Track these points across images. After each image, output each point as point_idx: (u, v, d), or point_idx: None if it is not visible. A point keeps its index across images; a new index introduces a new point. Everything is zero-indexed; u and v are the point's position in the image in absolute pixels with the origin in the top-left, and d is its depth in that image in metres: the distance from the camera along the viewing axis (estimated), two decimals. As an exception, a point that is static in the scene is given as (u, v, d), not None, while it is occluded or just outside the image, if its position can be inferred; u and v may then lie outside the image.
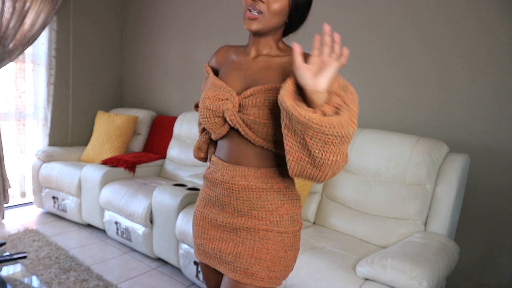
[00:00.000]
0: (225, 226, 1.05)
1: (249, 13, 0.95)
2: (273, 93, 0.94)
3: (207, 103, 1.00)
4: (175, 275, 2.39)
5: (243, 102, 0.97)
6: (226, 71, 1.07)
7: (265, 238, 1.00)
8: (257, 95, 0.96)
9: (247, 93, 0.97)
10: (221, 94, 1.00)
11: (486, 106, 1.97)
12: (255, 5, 0.95)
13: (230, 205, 1.03)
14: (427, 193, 1.87)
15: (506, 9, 1.89)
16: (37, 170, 3.27)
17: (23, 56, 3.30)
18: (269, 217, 1.01)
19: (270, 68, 1.01)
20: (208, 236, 1.08)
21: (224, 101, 0.98)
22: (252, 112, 0.95)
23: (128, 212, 2.58)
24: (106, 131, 3.42)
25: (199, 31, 3.36)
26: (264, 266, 1.00)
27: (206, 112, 1.01)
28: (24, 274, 1.62)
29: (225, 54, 1.12)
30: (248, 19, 0.96)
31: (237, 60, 1.07)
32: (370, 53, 2.37)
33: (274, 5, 0.95)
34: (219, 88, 1.01)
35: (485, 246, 2.02)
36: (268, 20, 0.96)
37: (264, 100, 0.95)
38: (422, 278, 1.37)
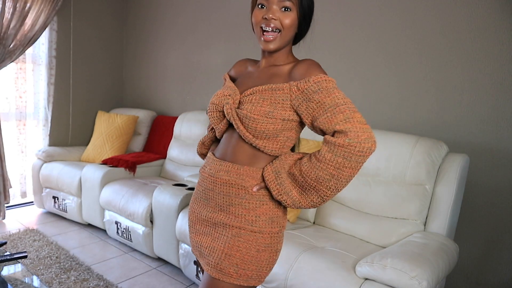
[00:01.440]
0: (207, 221, 1.10)
1: (266, 36, 1.01)
2: (268, 92, 1.00)
3: (214, 98, 1.10)
4: (175, 275, 2.39)
5: (242, 99, 1.04)
6: (240, 79, 1.16)
7: (238, 235, 1.03)
8: (255, 94, 1.02)
9: (248, 92, 1.04)
10: (226, 91, 1.08)
11: (485, 106, 1.97)
12: (269, 23, 1.00)
13: (212, 199, 1.09)
14: (427, 193, 1.88)
15: (504, 9, 1.89)
16: (38, 170, 3.28)
17: (24, 56, 3.30)
18: (245, 215, 1.03)
19: (274, 75, 1.07)
20: (194, 230, 1.15)
21: (227, 97, 1.06)
22: (246, 107, 1.01)
23: (129, 212, 2.59)
24: (106, 131, 3.42)
25: (199, 31, 3.37)
26: (233, 262, 1.02)
27: (211, 106, 1.10)
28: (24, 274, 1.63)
29: (242, 65, 1.20)
30: (266, 42, 1.02)
31: (251, 71, 1.16)
32: (369, 53, 2.37)
33: (286, 20, 1.00)
34: (227, 87, 1.10)
35: (485, 245, 2.03)
36: (284, 37, 1.03)
37: (259, 98, 1.00)
38: (422, 278, 1.37)
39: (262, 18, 1.01)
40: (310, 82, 0.96)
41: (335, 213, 2.08)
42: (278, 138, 1.02)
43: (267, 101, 0.99)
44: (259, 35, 1.03)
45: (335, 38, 2.50)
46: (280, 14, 1.00)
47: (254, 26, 1.05)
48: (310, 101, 0.96)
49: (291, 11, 1.00)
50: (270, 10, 1.00)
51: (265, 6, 1.01)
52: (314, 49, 2.60)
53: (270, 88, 1.00)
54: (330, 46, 2.52)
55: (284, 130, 1.01)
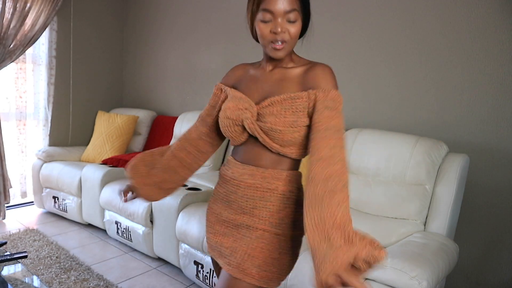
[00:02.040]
0: (228, 222, 1.10)
1: (275, 44, 1.00)
2: (288, 102, 1.00)
3: (228, 113, 1.06)
4: (175, 275, 2.39)
5: (261, 111, 1.03)
6: (244, 84, 1.13)
7: (261, 237, 1.04)
8: (274, 105, 1.01)
9: (265, 103, 1.03)
10: (241, 104, 1.05)
11: (485, 106, 1.97)
12: (278, 37, 0.99)
13: (235, 202, 1.08)
14: (427, 193, 1.88)
15: (504, 9, 1.89)
16: (38, 170, 3.28)
17: (24, 56, 3.31)
18: (269, 218, 1.04)
19: (285, 79, 1.06)
20: (214, 231, 1.14)
21: (243, 111, 1.04)
22: (269, 120, 1.00)
23: (129, 212, 2.59)
24: (106, 131, 3.42)
25: (199, 31, 3.37)
26: (256, 264, 1.03)
27: (226, 121, 1.07)
28: (24, 274, 1.63)
29: (240, 70, 1.18)
30: (275, 50, 1.01)
31: (254, 74, 1.13)
32: (369, 53, 2.37)
33: (293, 29, 0.99)
34: (239, 99, 1.07)
35: (485, 245, 2.03)
36: (292, 45, 1.03)
37: (281, 109, 1.00)
38: (422, 278, 1.37)
39: (270, 33, 0.99)
40: (328, 97, 0.98)
41: (335, 213, 2.08)
42: (303, 142, 1.03)
43: (289, 111, 1.00)
44: (266, 45, 1.02)
45: (335, 38, 2.50)
46: (287, 25, 0.99)
47: (261, 39, 1.02)
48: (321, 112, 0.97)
49: (296, 22, 1.00)
50: (277, 24, 0.98)
51: (270, 20, 0.99)
52: (314, 49, 2.60)
53: (289, 97, 1.00)
54: (330, 46, 2.52)
55: (307, 134, 1.02)
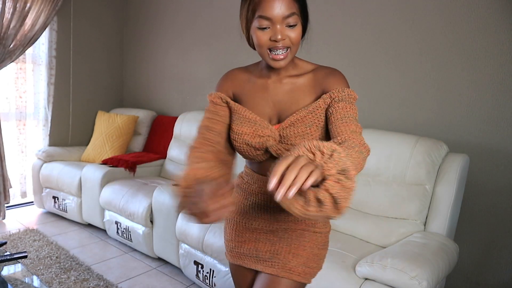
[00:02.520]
0: (261, 228, 1.09)
1: (275, 55, 0.92)
2: (309, 118, 0.96)
3: (246, 139, 1.00)
4: (175, 275, 2.39)
5: (283, 133, 0.98)
6: (249, 98, 1.04)
7: (302, 236, 1.06)
8: (297, 125, 0.97)
9: (285, 124, 0.98)
10: (260, 130, 0.99)
11: (485, 106, 1.97)
12: (278, 45, 0.91)
13: (266, 213, 1.08)
14: (427, 193, 1.88)
15: (504, 9, 1.89)
16: (38, 170, 3.28)
17: (24, 56, 3.31)
18: (305, 220, 1.06)
19: (295, 90, 1.00)
20: (243, 239, 1.12)
21: (266, 138, 0.98)
22: (297, 142, 0.96)
23: (129, 212, 2.59)
24: (106, 131, 3.42)
25: (199, 31, 3.37)
26: (301, 262, 1.05)
27: (246, 147, 1.01)
28: (24, 274, 1.63)
29: (238, 79, 1.07)
30: (275, 60, 0.93)
31: (258, 85, 1.04)
32: (369, 53, 2.37)
33: (294, 34, 0.92)
34: (254, 123, 1.00)
35: (485, 246, 2.03)
36: (294, 51, 0.95)
37: (305, 128, 0.96)
38: (422, 278, 1.37)
39: (269, 41, 0.91)
40: (344, 92, 0.94)
41: (335, 213, 2.08)
42: None
43: (313, 126, 0.96)
44: (266, 54, 0.94)
45: (335, 38, 2.50)
46: (287, 31, 0.91)
47: (259, 48, 0.94)
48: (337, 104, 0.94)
49: (296, 26, 0.92)
50: (276, 31, 0.90)
51: (268, 27, 0.91)
52: (314, 50, 2.60)
53: (309, 112, 0.96)
54: (330, 46, 2.52)
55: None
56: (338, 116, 0.92)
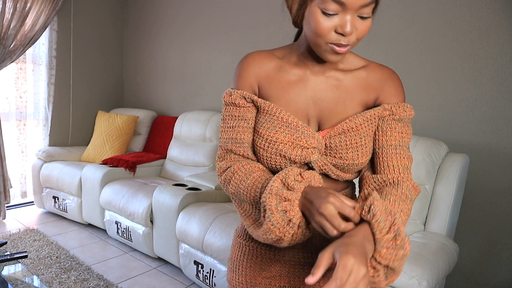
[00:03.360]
0: (295, 260, 0.86)
1: (339, 48, 0.71)
2: (365, 126, 0.78)
3: (283, 150, 0.77)
4: (175, 275, 2.39)
5: (330, 142, 0.78)
6: (281, 93, 0.80)
7: None
8: (349, 134, 0.77)
9: (335, 131, 0.78)
10: (303, 140, 0.77)
11: (485, 106, 1.97)
12: (342, 41, 0.70)
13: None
14: (427, 193, 1.88)
15: (505, 9, 1.89)
16: (38, 170, 3.28)
17: (24, 57, 3.31)
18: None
19: (343, 89, 0.80)
20: (272, 274, 0.87)
21: (311, 150, 0.77)
22: (350, 156, 0.77)
23: (129, 212, 2.59)
24: (106, 131, 3.42)
25: (199, 31, 3.37)
26: None
27: (279, 159, 0.79)
28: (25, 274, 1.63)
29: (264, 66, 0.82)
30: (335, 54, 0.72)
31: (294, 76, 0.81)
32: (369, 53, 2.37)
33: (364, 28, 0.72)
34: (296, 129, 0.78)
35: (485, 245, 2.03)
36: (354, 46, 0.74)
37: (359, 139, 0.77)
38: (422, 278, 1.38)
39: (333, 32, 0.69)
40: (406, 111, 0.79)
41: (335, 213, 2.08)
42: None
43: (368, 137, 0.78)
44: (322, 45, 0.71)
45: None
46: (357, 23, 0.71)
47: (315, 36, 0.71)
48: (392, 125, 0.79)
49: (369, 18, 0.73)
50: (345, 22, 0.68)
51: (336, 14, 0.68)
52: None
53: (365, 120, 0.78)
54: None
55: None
56: (393, 142, 0.78)
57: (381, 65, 0.84)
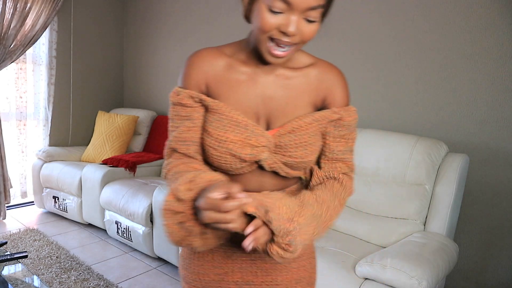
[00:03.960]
0: (246, 255, 0.87)
1: (277, 52, 0.72)
2: (315, 127, 0.80)
3: (233, 149, 0.77)
4: (176, 275, 2.39)
5: (280, 141, 0.79)
6: (230, 92, 0.80)
7: (298, 257, 0.88)
8: (299, 133, 0.78)
9: (285, 130, 0.79)
10: (253, 138, 0.77)
11: (485, 106, 1.97)
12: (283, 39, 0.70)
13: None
14: (427, 193, 1.88)
15: (505, 10, 1.89)
16: (38, 170, 3.28)
17: (24, 57, 3.31)
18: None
19: (292, 87, 0.81)
20: (224, 271, 0.87)
21: (260, 149, 0.78)
22: (299, 154, 0.79)
23: (129, 211, 2.59)
24: (106, 131, 3.42)
25: (199, 31, 3.37)
26: (305, 284, 0.90)
27: (230, 158, 0.78)
28: (25, 274, 1.63)
29: (212, 64, 0.80)
30: (273, 57, 0.73)
31: (243, 74, 0.80)
32: (369, 53, 2.37)
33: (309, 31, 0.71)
34: (245, 128, 0.77)
35: (484, 245, 2.03)
36: (298, 49, 0.76)
37: (308, 138, 0.79)
38: (422, 278, 1.38)
39: (276, 30, 0.70)
40: (351, 116, 0.83)
41: (335, 213, 2.08)
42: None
43: (317, 136, 0.81)
44: (264, 42, 0.72)
45: (335, 38, 2.51)
46: (303, 25, 0.70)
47: (259, 32, 0.71)
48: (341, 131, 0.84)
49: (316, 22, 0.71)
50: (290, 22, 0.69)
51: (282, 12, 0.69)
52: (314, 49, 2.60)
53: (315, 120, 0.80)
54: (330, 46, 2.52)
55: None
56: (341, 148, 0.84)
57: (329, 64, 0.85)
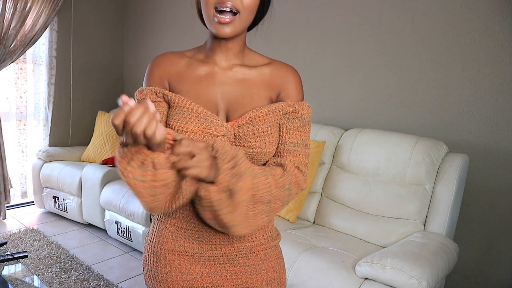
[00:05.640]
0: (214, 259, 0.86)
1: (220, 16, 0.77)
2: (271, 117, 0.83)
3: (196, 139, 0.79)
4: (176, 275, 2.39)
5: (239, 131, 0.82)
6: (191, 88, 0.84)
7: (266, 257, 0.90)
8: (256, 123, 0.82)
9: (242, 121, 0.82)
10: (213, 128, 0.80)
11: (485, 106, 1.97)
12: (225, 3, 0.75)
13: (216, 235, 0.85)
14: (427, 193, 1.88)
15: (504, 9, 1.89)
16: (38, 170, 3.28)
17: (24, 57, 3.31)
18: (262, 233, 0.90)
19: (249, 83, 0.85)
20: (193, 277, 0.86)
21: (220, 138, 0.80)
22: (258, 145, 0.82)
23: (129, 211, 2.59)
24: (106, 131, 3.43)
25: (200, 31, 3.37)
26: (275, 285, 0.91)
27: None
28: (25, 274, 1.63)
29: (173, 64, 0.86)
30: (219, 24, 0.77)
31: (202, 72, 0.85)
32: (369, 53, 2.37)
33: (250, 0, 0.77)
34: (205, 118, 0.81)
35: (484, 245, 2.03)
36: (243, 21, 0.79)
37: (266, 128, 0.82)
38: (422, 278, 1.38)
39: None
40: (305, 110, 0.86)
41: (335, 213, 2.08)
42: None
43: (274, 127, 0.84)
44: (211, 16, 0.78)
45: (335, 38, 2.51)
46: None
47: (203, 6, 0.78)
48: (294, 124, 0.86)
49: None
50: None
51: None
52: (314, 48, 2.60)
53: (271, 111, 0.83)
54: (330, 46, 2.52)
55: None
56: (294, 140, 0.85)
57: (284, 64, 0.89)
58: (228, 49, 0.85)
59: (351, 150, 2.11)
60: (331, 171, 2.21)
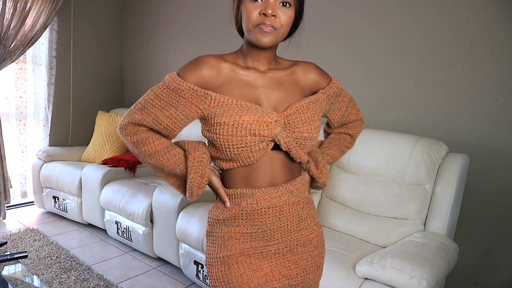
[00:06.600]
0: (279, 251, 0.95)
1: (263, 26, 0.86)
2: (313, 107, 0.96)
3: (254, 128, 0.87)
4: (176, 275, 2.39)
5: (287, 120, 0.92)
6: (235, 89, 0.92)
7: (318, 244, 1.01)
8: (302, 111, 0.93)
9: (289, 111, 0.92)
10: (265, 116, 0.88)
11: (485, 106, 1.97)
12: (265, 21, 0.86)
13: (278, 230, 0.94)
14: (427, 193, 1.88)
15: (505, 10, 1.89)
16: (38, 170, 3.28)
17: (24, 57, 3.31)
18: (312, 222, 1.01)
19: (284, 82, 0.97)
20: (264, 272, 0.94)
21: (274, 124, 0.89)
22: (305, 129, 0.93)
23: (129, 212, 2.59)
24: (106, 131, 3.42)
25: (200, 31, 3.37)
26: (320, 270, 1.03)
27: (252, 139, 0.87)
28: (25, 274, 1.63)
29: (216, 67, 0.92)
30: (262, 33, 0.87)
31: (245, 76, 0.94)
32: (370, 53, 2.37)
33: (286, 16, 0.88)
34: (256, 110, 0.89)
35: (484, 245, 2.03)
36: (281, 34, 0.90)
37: (310, 115, 0.94)
38: (422, 278, 1.38)
39: (259, 14, 0.85)
40: (336, 84, 1.05)
41: (335, 213, 2.08)
42: None
43: (316, 115, 0.96)
44: (253, 30, 0.87)
45: (336, 38, 2.51)
46: (279, 10, 0.86)
47: (246, 23, 0.88)
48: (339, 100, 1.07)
49: (290, 7, 0.88)
50: (268, 5, 0.85)
51: (261, 1, 0.86)
52: (315, 48, 2.60)
53: (311, 102, 0.96)
54: (331, 46, 2.52)
55: None
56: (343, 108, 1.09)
57: (304, 62, 1.04)
58: (265, 56, 0.95)
59: (351, 150, 2.11)
60: (331, 171, 2.21)
